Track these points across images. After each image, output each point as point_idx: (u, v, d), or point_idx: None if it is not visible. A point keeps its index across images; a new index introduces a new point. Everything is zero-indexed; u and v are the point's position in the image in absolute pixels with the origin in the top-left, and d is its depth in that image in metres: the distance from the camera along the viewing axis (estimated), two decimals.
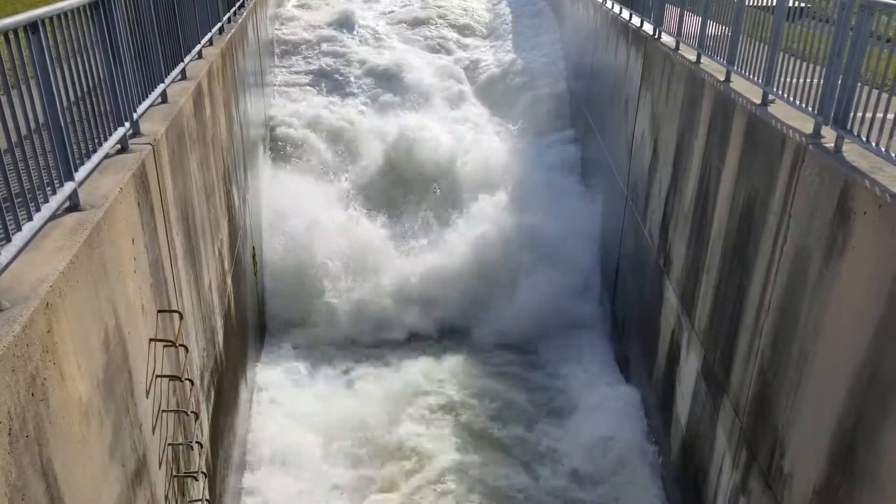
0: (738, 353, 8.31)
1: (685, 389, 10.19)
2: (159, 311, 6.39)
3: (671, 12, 12.25)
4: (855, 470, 5.68)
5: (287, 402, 13.14)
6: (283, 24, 23.37)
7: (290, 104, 20.30)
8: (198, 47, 10.12)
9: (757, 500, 7.56)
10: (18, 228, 4.09)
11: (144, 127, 6.84)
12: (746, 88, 8.72)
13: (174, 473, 6.57)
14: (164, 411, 6.28)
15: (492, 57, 23.73)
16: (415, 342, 15.53)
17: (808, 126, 7.10)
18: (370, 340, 15.39)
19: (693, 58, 10.69)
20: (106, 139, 5.77)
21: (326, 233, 16.67)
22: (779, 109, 7.83)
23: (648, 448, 11.87)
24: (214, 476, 8.69)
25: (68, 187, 4.84)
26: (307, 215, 16.82)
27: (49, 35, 4.61)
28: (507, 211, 17.71)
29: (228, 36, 12.54)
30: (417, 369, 14.50)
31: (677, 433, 10.53)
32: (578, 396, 13.54)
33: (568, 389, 13.91)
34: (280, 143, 19.10)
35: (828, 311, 6.27)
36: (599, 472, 11.68)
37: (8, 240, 3.96)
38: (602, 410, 12.86)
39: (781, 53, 7.88)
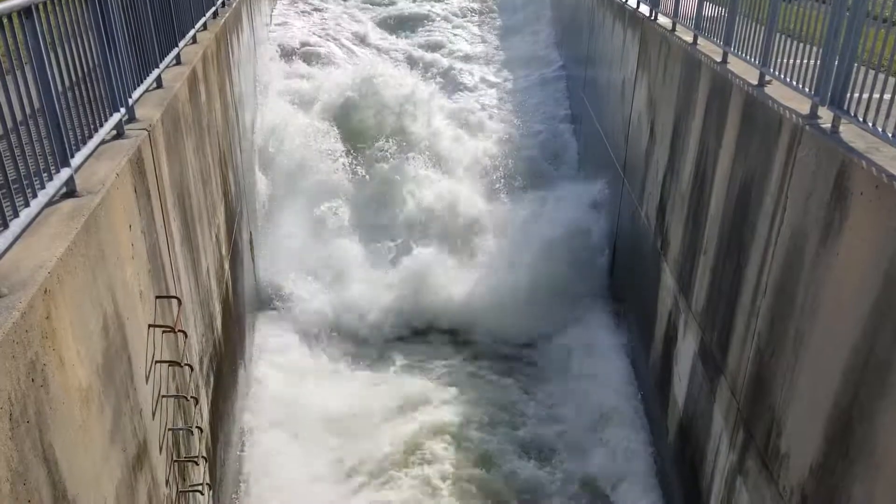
0: (735, 335, 8.34)
1: (682, 371, 10.24)
2: (157, 297, 6.39)
3: None
4: (851, 449, 5.73)
5: (285, 386, 13.17)
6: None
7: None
8: (192, 31, 10.07)
9: (754, 479, 7.62)
10: (16, 215, 4.09)
11: (140, 112, 6.82)
12: (743, 69, 8.70)
13: (174, 458, 6.60)
14: (163, 396, 6.30)
15: None
16: (412, 323, 15.53)
17: (804, 107, 7.09)
18: (370, 324, 15.40)
19: (690, 39, 10.66)
20: (101, 125, 5.75)
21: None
22: (775, 90, 7.81)
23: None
24: (214, 460, 8.74)
25: (65, 173, 4.83)
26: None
27: (43, 20, 4.58)
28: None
29: (223, 20, 12.47)
30: (413, 347, 14.53)
31: (674, 414, 10.59)
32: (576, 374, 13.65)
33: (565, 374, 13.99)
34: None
35: (824, 291, 6.29)
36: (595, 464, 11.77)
37: (5, 226, 3.96)
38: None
39: (778, 34, 7.86)
